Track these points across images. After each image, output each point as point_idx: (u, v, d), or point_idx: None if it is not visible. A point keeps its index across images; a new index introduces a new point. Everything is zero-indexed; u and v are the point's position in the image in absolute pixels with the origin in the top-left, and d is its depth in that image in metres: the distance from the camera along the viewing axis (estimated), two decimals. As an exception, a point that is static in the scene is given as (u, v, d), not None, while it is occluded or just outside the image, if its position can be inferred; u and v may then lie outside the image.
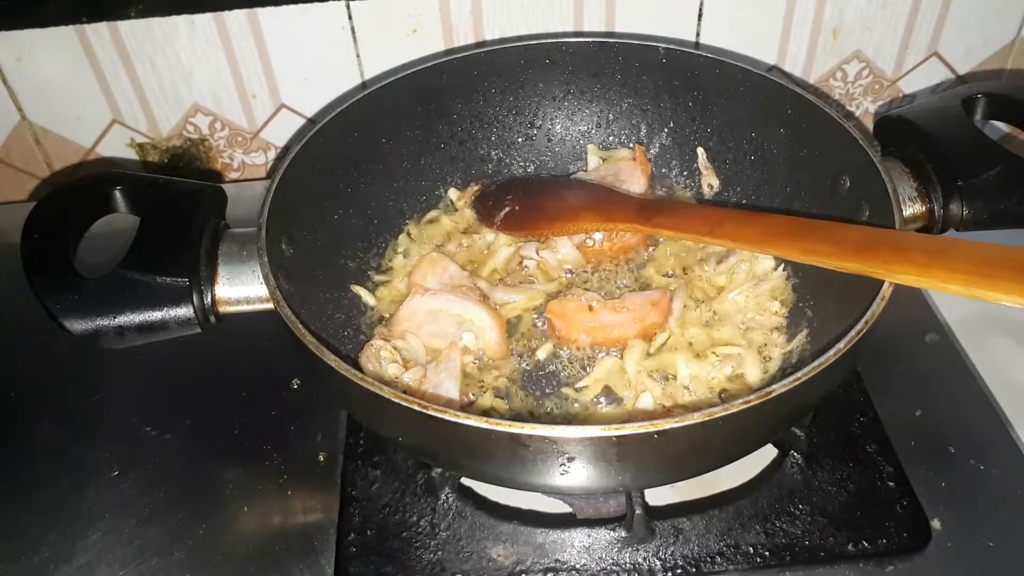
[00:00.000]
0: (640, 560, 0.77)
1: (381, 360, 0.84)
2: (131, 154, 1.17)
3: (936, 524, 0.79)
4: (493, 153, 1.07)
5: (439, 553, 0.78)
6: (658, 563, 0.77)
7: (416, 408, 0.62)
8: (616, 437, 0.60)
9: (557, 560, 0.77)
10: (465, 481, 0.83)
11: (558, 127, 1.07)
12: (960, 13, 1.14)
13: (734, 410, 0.61)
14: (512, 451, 0.63)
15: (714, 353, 0.85)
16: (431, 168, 1.03)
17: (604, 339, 0.89)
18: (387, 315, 0.92)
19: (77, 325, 0.72)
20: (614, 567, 0.77)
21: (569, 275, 0.97)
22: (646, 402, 0.82)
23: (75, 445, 0.89)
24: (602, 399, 0.86)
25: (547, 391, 0.87)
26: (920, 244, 0.72)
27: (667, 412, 0.82)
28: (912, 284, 0.69)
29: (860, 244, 0.74)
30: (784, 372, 0.83)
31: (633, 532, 0.78)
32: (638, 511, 0.77)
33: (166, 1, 1.03)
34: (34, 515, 0.83)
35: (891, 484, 0.82)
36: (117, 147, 1.16)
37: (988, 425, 0.88)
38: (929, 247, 0.71)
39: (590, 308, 0.89)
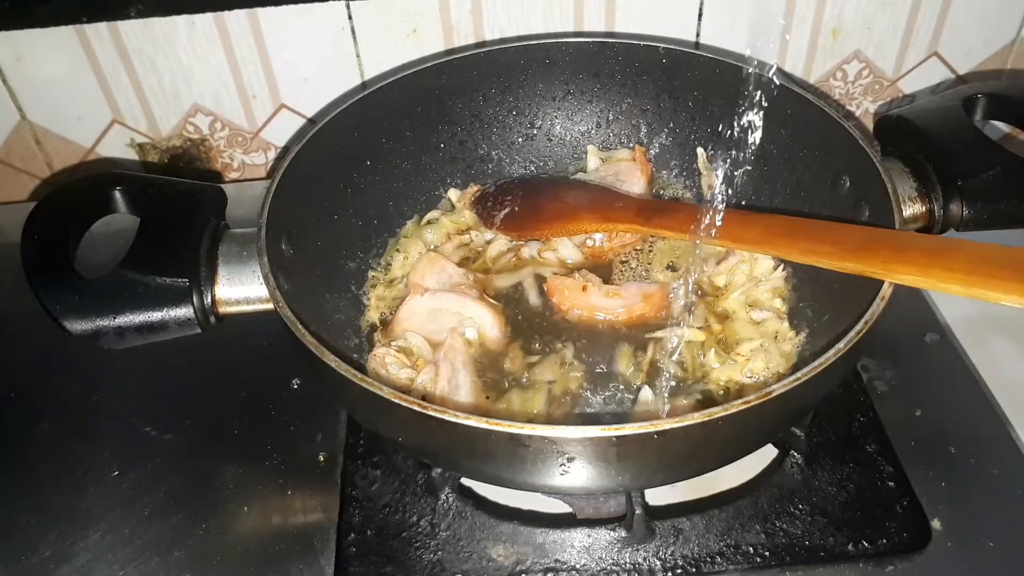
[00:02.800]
0: (640, 560, 0.77)
1: (388, 367, 0.83)
2: (131, 154, 1.17)
3: (936, 524, 0.79)
4: (493, 153, 1.07)
5: (439, 553, 0.78)
6: (658, 563, 0.77)
7: (416, 408, 0.62)
8: (616, 437, 0.60)
9: (557, 560, 0.78)
10: (465, 481, 0.83)
11: (558, 127, 1.07)
12: (960, 13, 1.14)
13: (734, 410, 0.61)
14: (512, 451, 0.63)
15: (739, 353, 0.85)
16: (431, 168, 1.03)
17: (592, 321, 0.91)
18: (387, 314, 0.92)
19: (77, 325, 0.72)
20: (614, 567, 0.77)
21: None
22: (646, 396, 0.83)
23: (75, 445, 0.89)
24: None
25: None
26: (920, 244, 0.72)
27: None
28: (912, 284, 0.69)
29: (860, 244, 0.74)
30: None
31: (633, 532, 0.78)
32: (638, 511, 0.77)
33: (166, 1, 1.03)
34: (34, 515, 0.83)
35: (891, 484, 0.82)
36: (117, 147, 1.16)
37: (988, 425, 0.88)
38: (929, 247, 0.71)
39: (583, 288, 0.90)
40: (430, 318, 0.89)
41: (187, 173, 1.19)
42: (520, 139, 1.07)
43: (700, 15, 1.12)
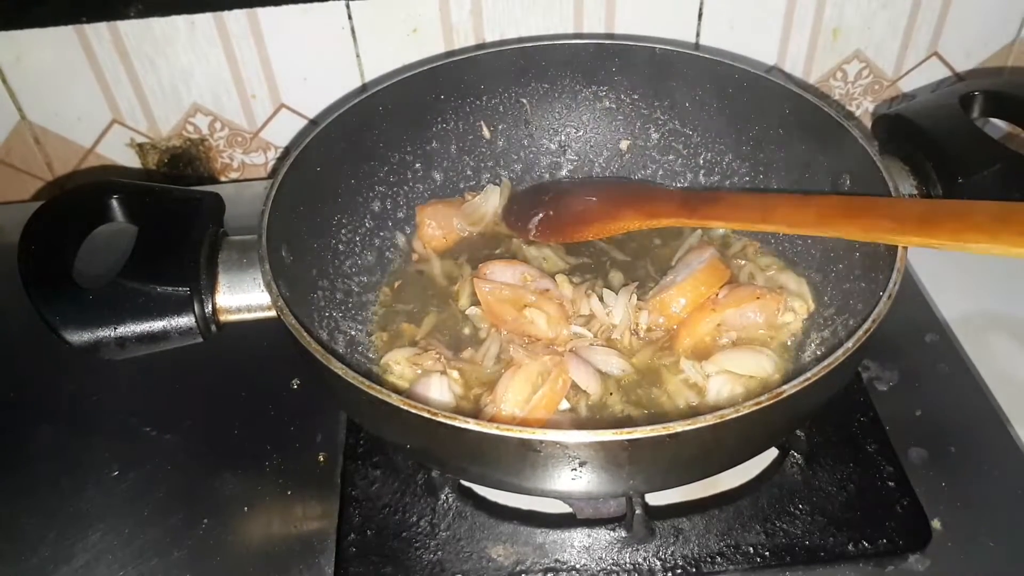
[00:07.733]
0: (640, 560, 0.77)
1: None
2: (131, 154, 1.17)
3: (936, 524, 0.79)
4: (493, 153, 1.06)
5: (439, 553, 0.78)
6: (658, 563, 0.77)
7: (425, 415, 0.61)
8: (628, 441, 0.60)
9: (557, 560, 0.78)
10: (465, 481, 0.83)
11: (558, 128, 1.07)
12: (960, 13, 1.14)
13: (745, 411, 0.60)
14: (523, 456, 0.63)
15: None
16: (430, 170, 1.03)
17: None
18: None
19: (77, 336, 0.71)
20: (614, 567, 0.77)
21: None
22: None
23: (75, 445, 0.89)
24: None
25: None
26: (983, 210, 0.69)
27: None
28: (982, 252, 0.67)
29: (922, 217, 0.72)
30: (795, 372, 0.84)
31: (633, 532, 0.78)
32: (638, 511, 0.77)
33: (166, 1, 1.03)
34: (34, 515, 0.83)
35: (891, 484, 0.82)
36: (117, 147, 1.16)
37: (988, 425, 0.88)
38: (993, 212, 0.68)
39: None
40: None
41: (187, 173, 1.19)
42: (521, 140, 1.07)
43: (700, 15, 1.12)
